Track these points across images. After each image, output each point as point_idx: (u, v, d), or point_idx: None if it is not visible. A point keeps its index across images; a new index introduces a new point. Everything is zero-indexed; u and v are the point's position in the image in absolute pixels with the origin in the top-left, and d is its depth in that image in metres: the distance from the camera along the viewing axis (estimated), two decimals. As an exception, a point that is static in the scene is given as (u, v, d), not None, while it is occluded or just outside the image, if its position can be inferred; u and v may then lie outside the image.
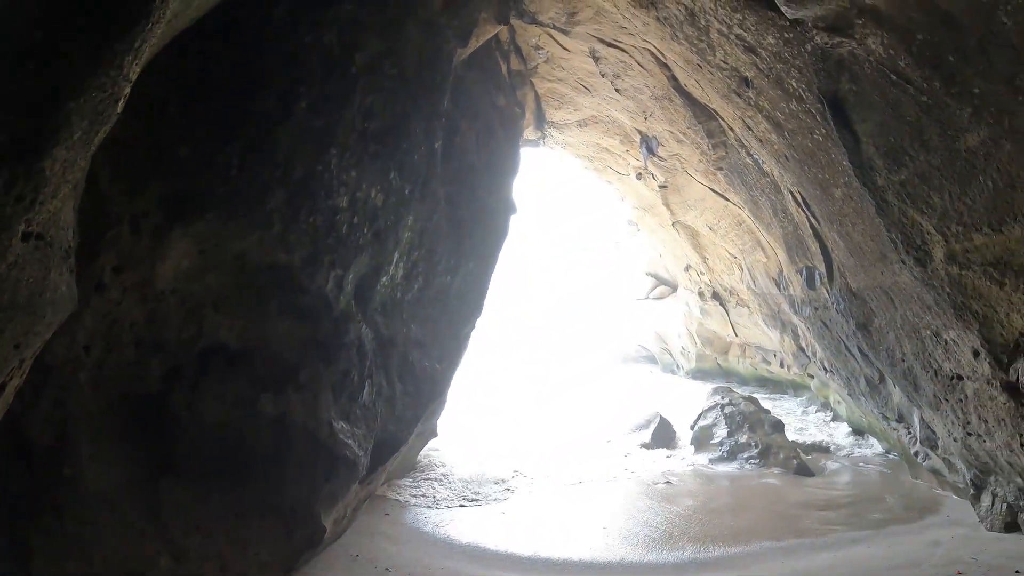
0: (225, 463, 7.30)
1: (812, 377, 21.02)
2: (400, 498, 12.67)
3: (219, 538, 7.28)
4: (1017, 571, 8.30)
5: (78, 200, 5.35)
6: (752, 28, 8.42)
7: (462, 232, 11.32)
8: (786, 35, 7.93)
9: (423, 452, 14.75)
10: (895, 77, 6.89)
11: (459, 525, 11.70)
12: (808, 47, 7.69)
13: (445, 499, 12.97)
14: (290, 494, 7.84)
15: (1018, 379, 7.75)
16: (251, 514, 7.52)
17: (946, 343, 8.89)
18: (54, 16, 3.94)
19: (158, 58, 5.76)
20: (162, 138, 6.48)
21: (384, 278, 9.15)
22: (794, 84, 8.51)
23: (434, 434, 13.88)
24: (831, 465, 16.18)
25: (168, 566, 6.86)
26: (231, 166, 6.86)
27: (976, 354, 8.31)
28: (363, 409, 8.78)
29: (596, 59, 15.30)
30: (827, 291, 12.53)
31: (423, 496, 12.97)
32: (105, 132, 4.64)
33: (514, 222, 14.36)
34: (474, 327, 13.12)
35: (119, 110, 4.57)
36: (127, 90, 4.51)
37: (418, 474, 14.13)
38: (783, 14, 7.59)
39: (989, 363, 8.10)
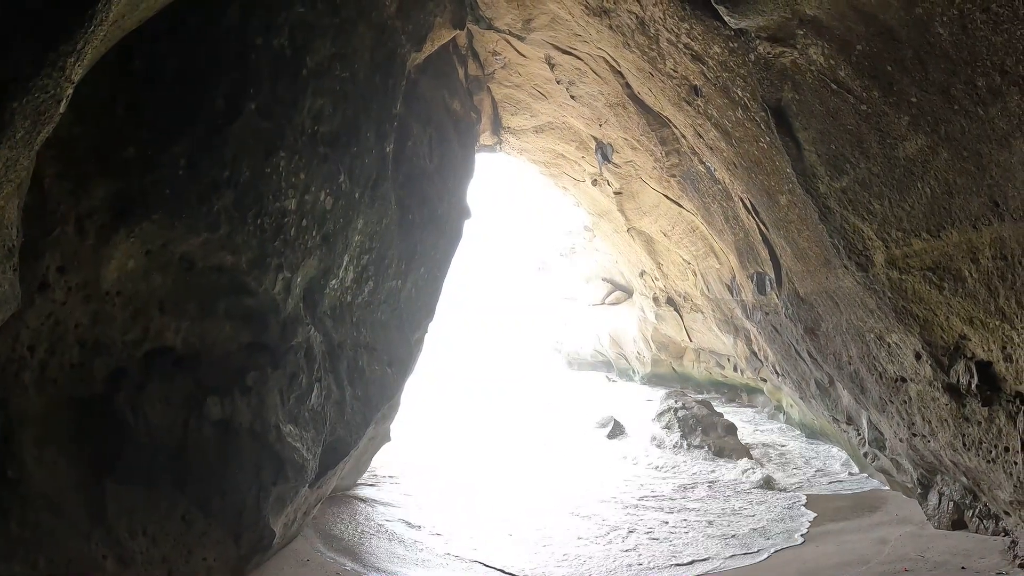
0: (171, 466, 7.19)
1: (765, 381, 21.34)
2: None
3: (166, 541, 7.17)
4: (963, 567, 8.52)
5: (23, 199, 5.25)
6: (699, 37, 8.53)
7: (413, 236, 11.28)
8: (731, 45, 8.04)
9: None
10: (835, 86, 7.02)
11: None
12: (752, 56, 7.80)
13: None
14: (237, 498, 7.77)
15: (958, 381, 7.93)
16: (198, 517, 7.44)
17: (889, 346, 9.07)
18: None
19: (105, 58, 5.66)
20: (109, 138, 6.33)
21: (333, 281, 9.07)
22: (739, 93, 8.63)
23: (387, 438, 13.80)
24: (784, 466, 16.43)
25: (114, 569, 6.72)
26: (178, 167, 6.73)
27: (918, 357, 8.49)
28: (312, 413, 8.70)
29: (552, 66, 15.38)
30: (777, 296, 12.72)
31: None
32: (48, 132, 4.57)
33: (469, 226, 14.42)
34: (426, 331, 13.07)
35: (62, 110, 4.50)
36: (69, 91, 4.45)
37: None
38: (728, 24, 7.69)
39: (931, 365, 8.28)
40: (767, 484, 14.63)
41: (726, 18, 7.54)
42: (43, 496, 6.31)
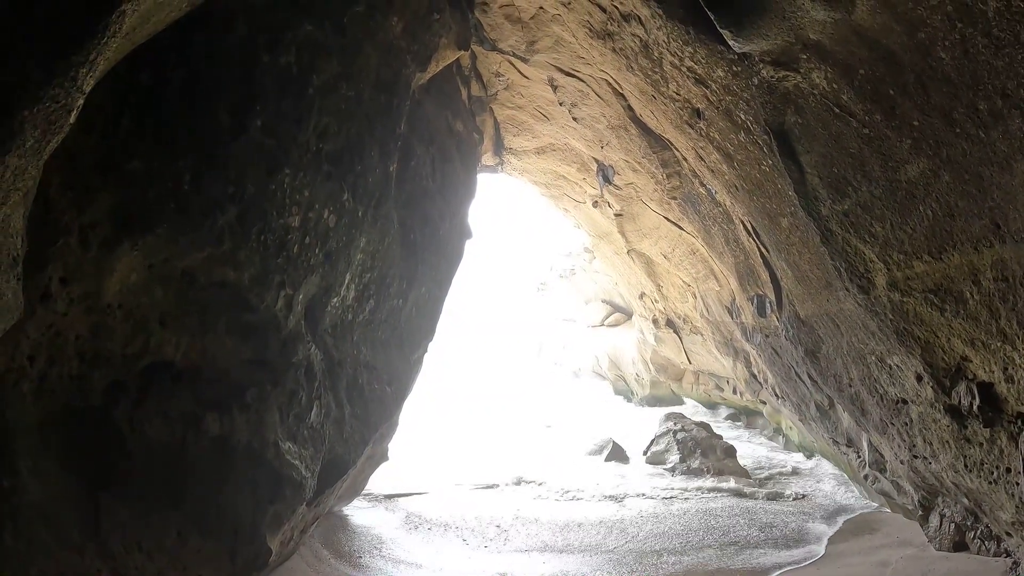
0: (168, 481, 7.12)
1: (764, 403, 21.28)
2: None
3: (161, 557, 7.08)
4: None
5: (28, 208, 5.25)
6: (703, 61, 8.60)
7: (415, 256, 11.29)
8: (735, 68, 8.11)
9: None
10: (838, 110, 7.08)
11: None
12: (755, 80, 7.87)
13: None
14: (234, 514, 7.70)
15: (960, 402, 7.94)
16: (194, 534, 7.35)
17: (890, 368, 9.08)
18: (6, 25, 3.91)
19: (114, 71, 5.69)
20: (114, 150, 6.33)
21: (335, 299, 9.06)
22: (742, 116, 8.69)
23: (385, 458, 13.73)
24: (783, 489, 16.36)
25: (108, 583, 6.67)
26: (182, 181, 6.74)
27: (919, 378, 8.50)
28: (311, 430, 8.66)
29: (555, 88, 15.49)
30: (777, 319, 12.73)
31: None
32: (58, 142, 4.57)
33: (470, 246, 14.44)
34: (426, 351, 13.05)
35: (72, 120, 4.52)
36: (81, 101, 4.47)
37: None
38: (732, 48, 7.76)
39: (932, 387, 8.28)
40: (767, 507, 14.56)
41: (730, 42, 7.62)
42: (37, 507, 6.24)
